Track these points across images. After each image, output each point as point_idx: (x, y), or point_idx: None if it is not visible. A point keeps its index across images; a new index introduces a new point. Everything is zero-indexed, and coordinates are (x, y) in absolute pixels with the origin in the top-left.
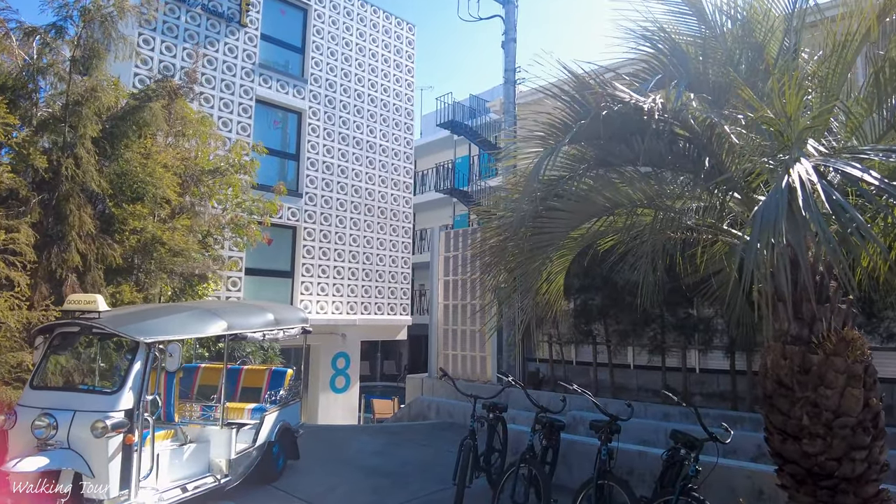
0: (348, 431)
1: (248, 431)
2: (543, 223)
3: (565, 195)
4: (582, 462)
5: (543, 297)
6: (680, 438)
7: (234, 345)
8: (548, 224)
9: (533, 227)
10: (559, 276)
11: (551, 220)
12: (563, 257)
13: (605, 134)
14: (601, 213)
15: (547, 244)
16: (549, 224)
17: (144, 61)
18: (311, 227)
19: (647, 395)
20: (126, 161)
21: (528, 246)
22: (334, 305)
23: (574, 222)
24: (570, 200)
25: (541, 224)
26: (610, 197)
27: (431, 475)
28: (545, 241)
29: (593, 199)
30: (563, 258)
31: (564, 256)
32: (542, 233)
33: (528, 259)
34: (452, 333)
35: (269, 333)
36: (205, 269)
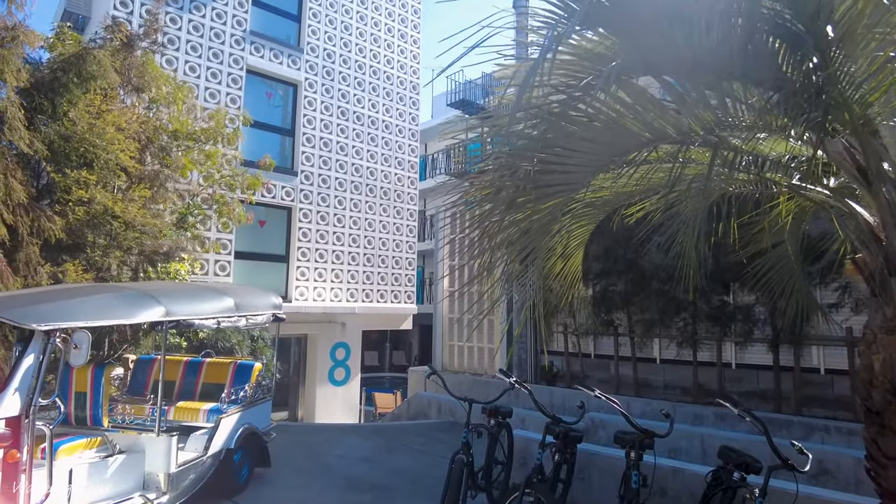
0: (337, 432)
1: (200, 437)
2: (555, 160)
3: (586, 117)
4: (604, 480)
5: (558, 279)
6: (733, 459)
7: (217, 334)
8: (561, 161)
9: (540, 163)
10: (577, 251)
11: (566, 155)
12: (581, 227)
13: (647, 13)
14: (636, 148)
15: (559, 190)
16: (564, 161)
17: None
18: (308, 208)
19: (675, 394)
20: (71, 121)
21: (532, 196)
22: (333, 292)
23: (597, 162)
24: (591, 124)
25: (551, 161)
26: (650, 123)
27: (422, 490)
28: (556, 187)
29: (625, 125)
30: (583, 228)
31: (583, 226)
32: (552, 172)
33: (534, 215)
34: (459, 323)
35: (226, 321)
36: (175, 248)
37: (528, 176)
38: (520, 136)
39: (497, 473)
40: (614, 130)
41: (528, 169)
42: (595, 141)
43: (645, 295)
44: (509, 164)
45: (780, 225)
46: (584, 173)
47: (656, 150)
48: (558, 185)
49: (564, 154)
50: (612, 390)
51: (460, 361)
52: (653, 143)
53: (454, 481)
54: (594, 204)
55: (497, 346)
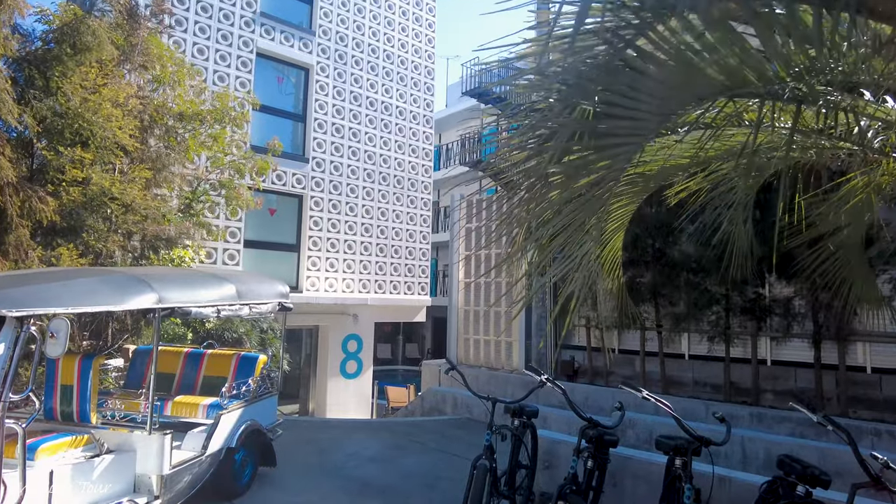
0: (347, 428)
1: (197, 435)
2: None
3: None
4: (637, 487)
5: (595, 264)
6: (796, 470)
7: (224, 324)
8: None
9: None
10: (617, 234)
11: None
12: (622, 206)
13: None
14: (710, 95)
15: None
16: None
17: None
18: (319, 196)
19: (706, 391)
20: (64, 95)
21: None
22: (345, 283)
23: (663, 109)
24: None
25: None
26: (729, 66)
27: (438, 495)
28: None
29: (699, 65)
30: (623, 208)
31: (624, 205)
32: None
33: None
34: (474, 315)
35: (226, 309)
36: (179, 234)
37: (586, 119)
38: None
39: (521, 479)
40: (686, 71)
41: (587, 108)
42: (665, 82)
43: (674, 287)
44: (566, 97)
45: (849, 205)
46: (651, 122)
47: (732, 101)
48: (621, 137)
49: (630, 94)
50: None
51: (476, 355)
52: (728, 92)
53: (476, 489)
54: (635, 182)
55: (515, 340)
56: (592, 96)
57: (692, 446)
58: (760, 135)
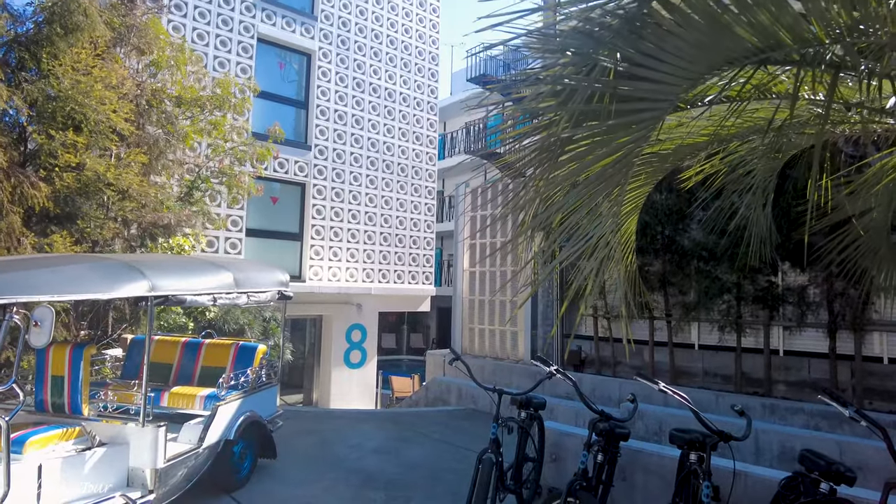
0: (350, 419)
1: (194, 427)
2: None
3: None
4: (649, 481)
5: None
6: (819, 466)
7: (226, 314)
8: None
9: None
10: (631, 217)
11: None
12: (637, 187)
13: None
14: (739, 59)
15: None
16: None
17: None
18: (322, 185)
19: (716, 382)
20: (56, 77)
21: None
22: (348, 272)
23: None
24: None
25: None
26: (761, 25)
27: (441, 487)
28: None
29: (727, 25)
30: (638, 189)
31: (639, 187)
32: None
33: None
34: (479, 305)
35: (223, 298)
36: (177, 221)
37: (606, 79)
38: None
39: (527, 472)
40: (715, 30)
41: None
42: (692, 41)
43: (684, 275)
44: (584, 53)
45: (878, 185)
46: (676, 86)
47: (760, 70)
48: (643, 102)
49: (655, 53)
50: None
51: (481, 345)
52: (759, 56)
53: (481, 484)
54: (650, 162)
55: (521, 330)
56: (614, 53)
57: (711, 441)
58: (785, 110)
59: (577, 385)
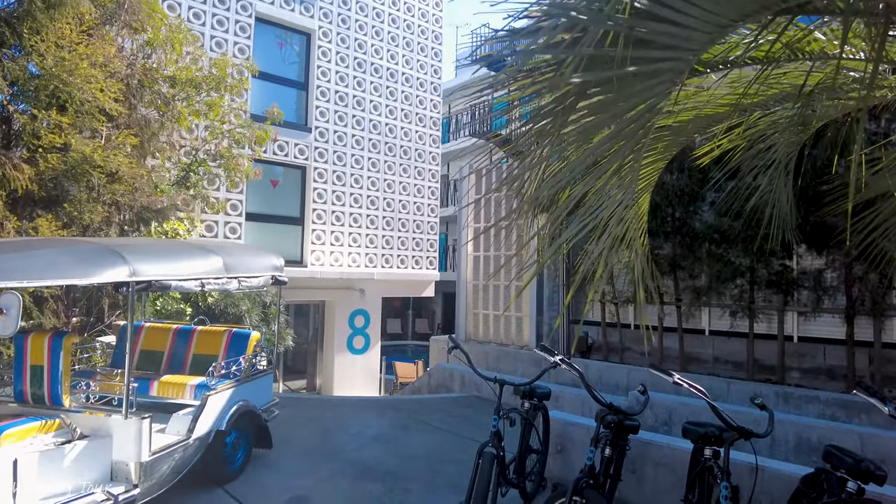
0: (351, 406)
1: (183, 418)
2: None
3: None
4: (659, 475)
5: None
6: (847, 463)
7: (226, 300)
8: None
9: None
10: (643, 195)
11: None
12: (649, 163)
13: None
14: (773, 6)
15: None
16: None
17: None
18: (323, 168)
19: (727, 368)
20: (39, 54)
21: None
22: (350, 257)
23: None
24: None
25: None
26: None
27: (441, 479)
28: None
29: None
30: (651, 165)
31: (652, 163)
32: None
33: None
34: (483, 290)
35: (211, 283)
36: (171, 204)
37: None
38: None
39: (531, 465)
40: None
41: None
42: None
43: (695, 259)
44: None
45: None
46: (702, 34)
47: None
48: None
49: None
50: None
51: (485, 331)
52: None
53: (482, 480)
54: (663, 136)
55: (525, 315)
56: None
57: (730, 437)
58: (818, 73)
59: (583, 376)
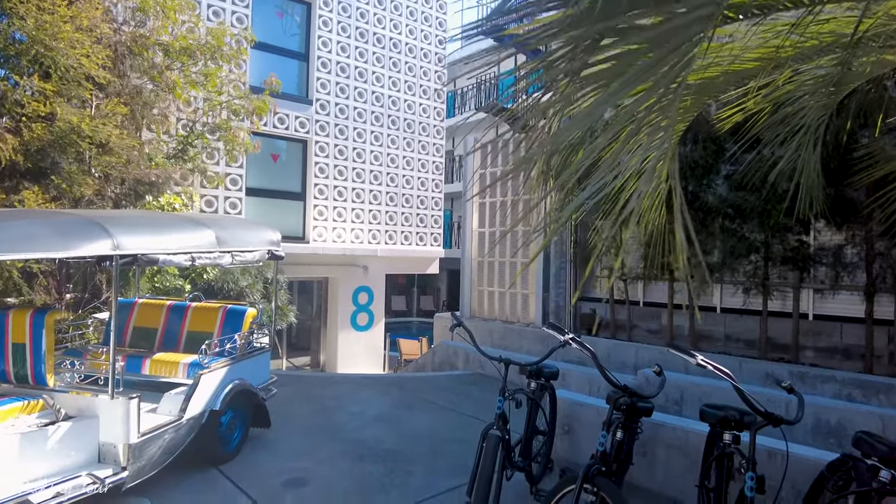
0: (353, 384)
1: (175, 397)
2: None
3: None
4: (672, 458)
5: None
6: (880, 451)
7: (225, 276)
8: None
9: None
10: (662, 162)
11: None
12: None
13: None
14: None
15: None
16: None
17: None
18: (324, 141)
19: (739, 347)
20: (20, 17)
21: None
22: (353, 233)
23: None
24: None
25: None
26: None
27: (444, 461)
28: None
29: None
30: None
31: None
32: None
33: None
34: (489, 266)
35: (203, 257)
36: (167, 177)
37: None
38: None
39: (538, 447)
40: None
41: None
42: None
43: (708, 234)
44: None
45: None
46: None
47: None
48: None
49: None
50: (664, 342)
51: (490, 308)
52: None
53: (486, 464)
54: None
55: (532, 293)
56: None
57: (758, 423)
58: (865, 21)
59: (595, 356)
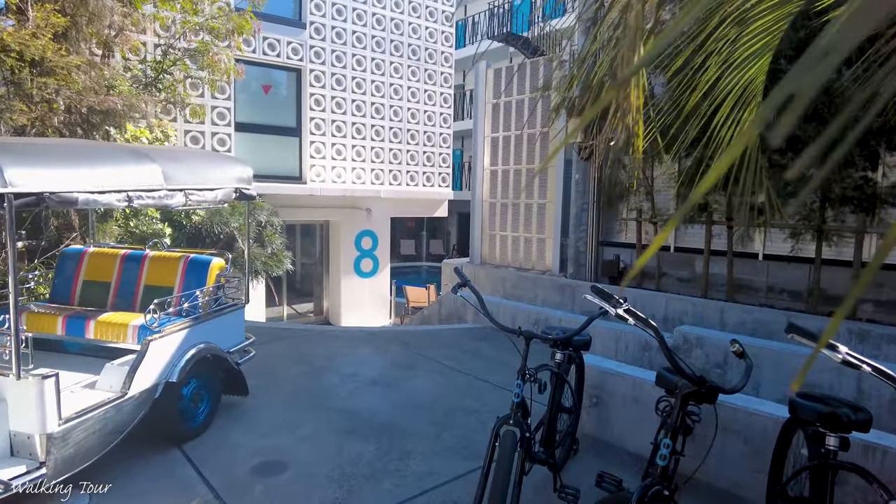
0: (350, 339)
1: (116, 370)
2: None
3: None
4: (728, 445)
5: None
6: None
7: (213, 217)
8: None
9: None
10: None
11: None
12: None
13: None
14: None
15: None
16: None
17: None
18: (320, 70)
19: (783, 299)
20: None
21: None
22: (354, 173)
23: None
24: None
25: None
26: None
27: (450, 435)
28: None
29: None
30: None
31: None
32: None
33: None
34: (501, 208)
35: (143, 197)
36: (126, 106)
37: None
38: None
39: (562, 425)
40: None
41: None
42: None
43: (752, 170)
44: None
45: None
46: None
47: None
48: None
49: None
50: (697, 292)
51: (503, 254)
52: None
53: (500, 472)
54: None
55: (549, 237)
56: None
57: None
58: None
59: (662, 339)
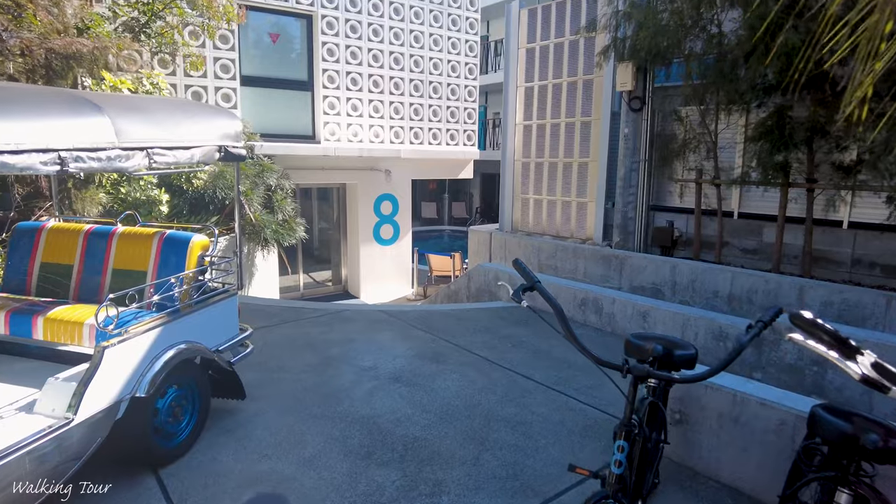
0: (368, 323)
1: (59, 386)
2: None
3: None
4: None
5: None
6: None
7: (216, 181)
8: None
9: None
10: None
11: None
12: None
13: None
14: None
15: None
16: None
17: None
18: (333, 16)
19: (874, 274)
20: None
21: None
22: (372, 131)
23: None
24: None
25: None
26: None
27: (492, 457)
28: None
29: None
30: None
31: None
32: None
33: None
34: (536, 169)
35: (83, 158)
36: (97, 48)
37: None
38: None
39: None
40: None
41: None
42: None
43: (843, 123)
44: None
45: None
46: None
47: None
48: None
49: None
50: (766, 265)
51: (536, 220)
52: None
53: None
54: None
55: (591, 200)
56: None
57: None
58: None
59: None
